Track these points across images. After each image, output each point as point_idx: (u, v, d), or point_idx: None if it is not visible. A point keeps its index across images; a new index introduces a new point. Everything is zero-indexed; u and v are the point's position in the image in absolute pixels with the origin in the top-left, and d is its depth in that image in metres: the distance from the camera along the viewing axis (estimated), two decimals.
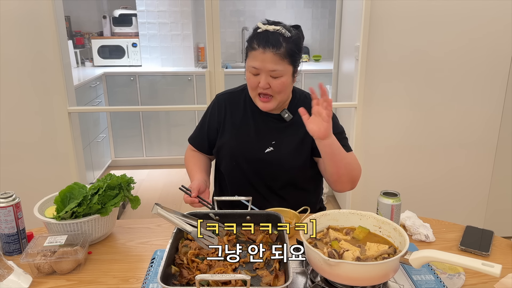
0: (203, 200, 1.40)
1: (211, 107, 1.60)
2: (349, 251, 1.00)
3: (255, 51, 1.37)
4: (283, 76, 1.39)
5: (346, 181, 1.41)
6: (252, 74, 1.40)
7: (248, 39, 1.44)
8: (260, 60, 1.36)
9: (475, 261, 0.90)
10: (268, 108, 1.44)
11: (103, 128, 4.06)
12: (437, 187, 2.67)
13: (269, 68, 1.36)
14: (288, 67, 1.39)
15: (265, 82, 1.38)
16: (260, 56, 1.36)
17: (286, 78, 1.40)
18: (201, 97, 4.02)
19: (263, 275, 1.03)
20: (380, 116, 2.56)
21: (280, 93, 1.41)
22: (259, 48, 1.36)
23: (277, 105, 1.44)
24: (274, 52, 1.35)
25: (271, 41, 1.36)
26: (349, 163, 1.39)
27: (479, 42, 2.43)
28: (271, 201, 1.48)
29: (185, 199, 1.40)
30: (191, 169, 1.57)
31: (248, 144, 1.50)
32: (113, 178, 1.31)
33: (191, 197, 1.38)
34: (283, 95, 1.43)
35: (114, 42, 4.28)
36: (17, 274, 1.10)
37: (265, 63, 1.36)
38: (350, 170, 1.40)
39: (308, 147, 1.48)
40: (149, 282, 1.10)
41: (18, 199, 1.23)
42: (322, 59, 4.58)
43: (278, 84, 1.39)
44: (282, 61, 1.37)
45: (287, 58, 1.37)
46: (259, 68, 1.37)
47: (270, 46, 1.35)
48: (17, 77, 2.38)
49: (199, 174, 1.51)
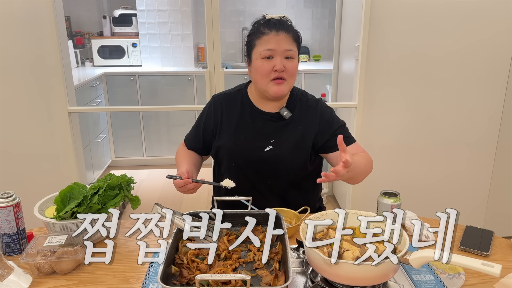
0: (198, 180, 1.39)
1: (207, 108, 1.59)
2: (349, 251, 1.00)
3: (267, 35, 1.39)
4: (295, 59, 1.42)
5: (361, 180, 1.44)
6: (266, 57, 1.40)
7: (252, 31, 1.45)
8: (275, 42, 1.38)
9: (475, 261, 0.90)
10: (282, 92, 1.43)
11: (103, 128, 4.06)
12: (437, 187, 2.67)
13: (285, 48, 1.38)
14: (297, 52, 1.43)
15: (281, 64, 1.39)
16: (274, 38, 1.38)
17: (297, 62, 1.43)
18: (201, 97, 4.02)
19: (263, 275, 1.03)
20: (380, 116, 2.56)
21: (293, 76, 1.43)
22: (271, 31, 1.39)
23: (288, 90, 1.45)
24: (287, 33, 1.40)
25: (283, 24, 1.41)
26: (363, 169, 1.38)
27: (479, 42, 2.43)
28: (271, 201, 1.48)
29: (177, 183, 1.38)
30: (179, 161, 1.56)
31: (246, 144, 1.50)
32: (113, 178, 1.31)
33: (183, 178, 1.36)
34: (293, 80, 1.45)
35: (114, 42, 4.28)
36: (17, 274, 1.10)
37: (280, 43, 1.38)
38: (364, 173, 1.41)
39: (308, 144, 1.48)
40: (149, 282, 1.10)
41: (18, 199, 1.23)
42: (322, 59, 4.58)
43: (293, 66, 1.41)
44: (293, 44, 1.42)
45: (296, 41, 1.43)
46: (274, 49, 1.38)
47: (282, 29, 1.40)
48: (17, 77, 2.38)
49: (187, 165, 1.49)
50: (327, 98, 3.41)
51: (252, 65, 1.45)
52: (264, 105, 1.52)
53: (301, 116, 1.49)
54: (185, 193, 1.42)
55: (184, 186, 1.38)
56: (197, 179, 1.41)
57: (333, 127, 1.49)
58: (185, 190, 1.41)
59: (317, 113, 1.49)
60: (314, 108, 1.50)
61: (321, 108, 1.52)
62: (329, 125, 1.49)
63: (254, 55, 1.43)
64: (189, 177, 1.38)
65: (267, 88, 1.43)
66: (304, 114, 1.50)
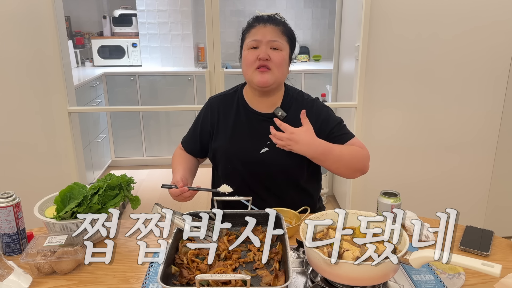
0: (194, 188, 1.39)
1: (204, 110, 1.60)
2: (349, 251, 1.00)
3: (255, 28, 1.43)
4: (282, 51, 1.43)
5: (350, 173, 1.45)
6: (252, 48, 1.42)
7: (244, 28, 1.48)
8: (261, 33, 1.41)
9: (475, 261, 0.90)
10: (266, 81, 1.42)
11: (103, 128, 4.06)
12: (437, 187, 2.67)
13: (270, 38, 1.40)
14: (286, 45, 1.44)
15: (265, 53, 1.40)
16: (261, 30, 1.41)
17: (285, 54, 1.43)
18: (201, 97, 4.02)
19: (263, 275, 1.03)
20: (380, 116, 2.56)
21: (278, 67, 1.42)
22: (259, 24, 1.43)
23: (274, 81, 1.43)
24: (275, 26, 1.42)
25: (272, 18, 1.44)
26: (347, 159, 1.40)
27: (479, 42, 2.43)
28: (269, 202, 1.47)
29: (173, 192, 1.38)
30: (175, 166, 1.56)
31: (242, 146, 1.49)
32: (113, 178, 1.31)
33: (179, 187, 1.36)
34: (281, 71, 1.44)
35: (114, 42, 4.28)
36: (17, 274, 1.10)
37: (265, 34, 1.41)
38: (348, 167, 1.41)
39: None
40: (149, 282, 1.10)
41: (18, 199, 1.23)
42: (322, 59, 4.58)
43: (278, 56, 1.41)
44: (282, 36, 1.43)
45: (285, 35, 1.44)
46: (259, 40, 1.41)
47: (271, 22, 1.43)
48: (17, 77, 2.38)
49: (182, 171, 1.49)
50: (327, 98, 3.41)
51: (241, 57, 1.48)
52: (259, 106, 1.51)
53: (297, 116, 1.49)
54: (182, 201, 1.41)
55: (181, 195, 1.38)
56: (193, 187, 1.39)
57: (329, 125, 1.48)
58: (181, 199, 1.39)
59: (313, 113, 1.48)
60: (310, 107, 1.50)
61: (317, 107, 1.51)
62: (326, 123, 1.48)
63: (243, 48, 1.45)
64: (184, 185, 1.38)
65: (252, 78, 1.43)
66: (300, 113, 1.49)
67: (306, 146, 1.35)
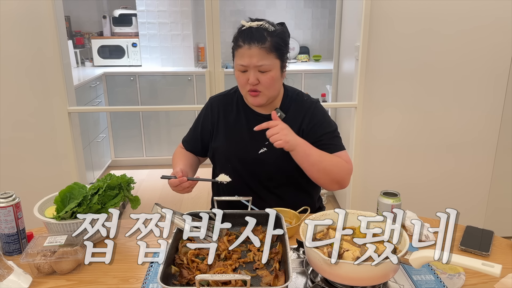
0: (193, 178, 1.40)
1: (204, 110, 1.61)
2: (349, 251, 1.00)
3: (241, 48, 1.39)
4: (271, 71, 1.40)
5: (327, 183, 1.43)
6: (241, 71, 1.41)
7: (233, 39, 1.45)
8: (247, 57, 1.38)
9: (475, 261, 0.90)
10: (258, 103, 1.44)
11: (103, 128, 4.06)
12: (437, 187, 2.67)
13: (256, 63, 1.37)
14: (275, 61, 1.40)
15: (254, 78, 1.39)
16: (247, 53, 1.38)
17: (275, 73, 1.41)
18: (201, 97, 4.02)
19: (263, 275, 1.03)
20: (380, 116, 2.56)
21: (269, 88, 1.42)
22: (244, 45, 1.38)
23: (267, 100, 1.45)
24: (260, 46, 1.37)
25: (256, 36, 1.37)
26: (326, 166, 1.39)
27: (479, 42, 2.43)
28: (269, 202, 1.47)
29: (172, 183, 1.38)
30: (175, 162, 1.57)
31: (241, 146, 1.50)
32: (113, 178, 1.31)
33: (178, 177, 1.36)
34: (272, 90, 1.44)
35: (114, 42, 4.28)
36: (17, 274, 1.10)
37: (251, 58, 1.37)
38: (327, 173, 1.40)
39: None
40: (149, 282, 1.10)
41: (18, 199, 1.23)
42: (322, 59, 4.58)
43: (267, 79, 1.40)
44: (269, 55, 1.38)
45: (273, 51, 1.38)
46: (246, 65, 1.39)
47: (255, 41, 1.37)
48: (17, 77, 2.38)
49: (182, 165, 1.49)
50: (327, 98, 3.41)
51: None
52: (258, 107, 1.52)
53: (295, 117, 1.49)
54: (181, 192, 1.42)
55: (179, 185, 1.38)
56: (192, 177, 1.40)
57: (320, 130, 1.47)
58: (180, 189, 1.40)
59: (309, 113, 1.49)
60: (308, 108, 1.50)
61: (315, 109, 1.51)
62: (317, 127, 1.47)
63: (234, 63, 1.45)
64: (183, 176, 1.38)
65: (246, 98, 1.49)
66: (298, 114, 1.50)
67: (294, 134, 1.37)
